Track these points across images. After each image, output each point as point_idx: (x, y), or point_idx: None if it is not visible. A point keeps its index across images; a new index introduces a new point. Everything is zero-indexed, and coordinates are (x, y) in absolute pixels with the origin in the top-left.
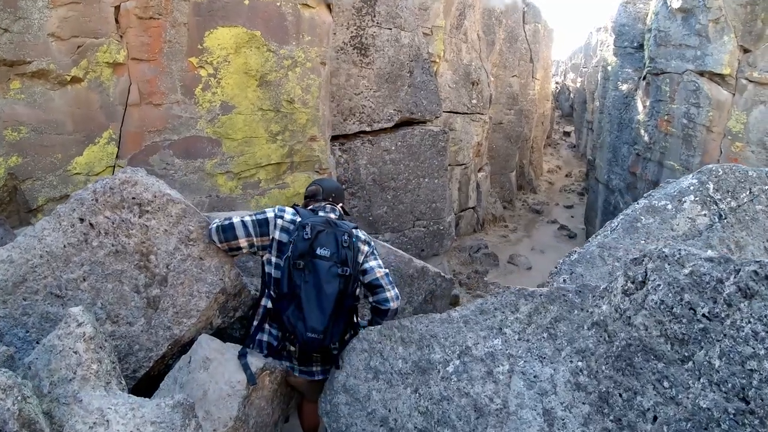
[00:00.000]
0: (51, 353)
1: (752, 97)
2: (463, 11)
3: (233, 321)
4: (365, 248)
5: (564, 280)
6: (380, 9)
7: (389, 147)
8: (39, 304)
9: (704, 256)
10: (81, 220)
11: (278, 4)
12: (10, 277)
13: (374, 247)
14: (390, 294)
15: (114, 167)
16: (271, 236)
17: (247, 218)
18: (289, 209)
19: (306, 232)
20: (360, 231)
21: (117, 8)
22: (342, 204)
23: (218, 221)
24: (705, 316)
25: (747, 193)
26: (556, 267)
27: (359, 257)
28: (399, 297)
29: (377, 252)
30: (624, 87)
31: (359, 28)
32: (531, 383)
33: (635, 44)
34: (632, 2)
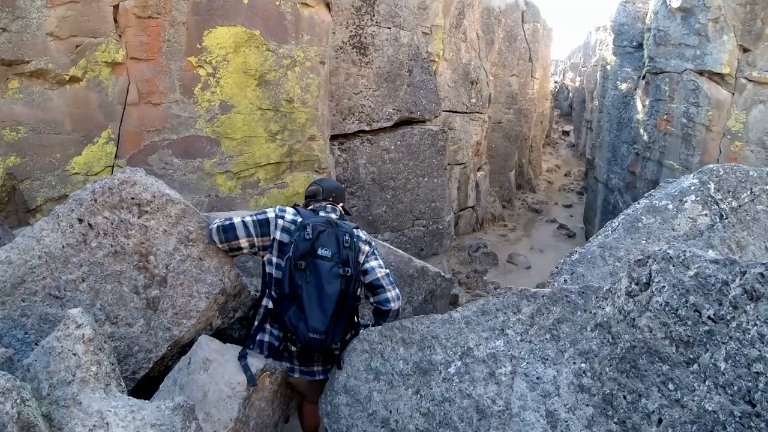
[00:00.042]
0: (50, 355)
1: (752, 97)
2: (463, 10)
3: (233, 322)
4: (366, 248)
5: (565, 281)
6: (379, 8)
7: (388, 146)
8: (38, 306)
9: (709, 258)
10: (80, 221)
11: (277, 3)
12: (9, 278)
13: (375, 247)
14: (391, 294)
15: (113, 167)
16: (272, 236)
17: (248, 218)
18: (290, 209)
19: (307, 233)
20: (361, 231)
21: (116, 7)
22: (342, 204)
23: (219, 221)
24: (710, 318)
25: (748, 193)
26: (557, 267)
27: (360, 257)
28: (400, 297)
29: (378, 252)
30: (623, 86)
31: (358, 28)
32: (534, 385)
33: (634, 43)
34: (632, 1)
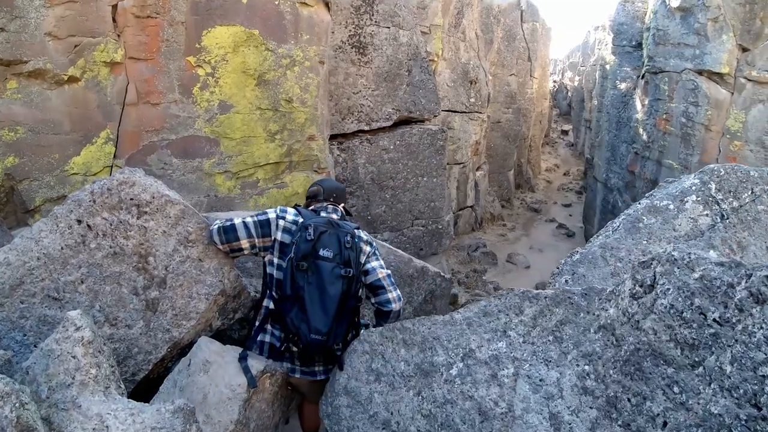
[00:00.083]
0: (49, 358)
1: (751, 96)
2: (462, 10)
3: (233, 323)
4: (367, 248)
5: (566, 281)
6: (379, 8)
7: (388, 146)
8: (36, 307)
9: (714, 261)
10: (78, 222)
11: (276, 3)
12: (7, 280)
13: (376, 248)
14: (392, 295)
15: (111, 167)
16: (273, 237)
17: (249, 219)
18: (291, 210)
19: (309, 233)
20: (362, 231)
21: (114, 7)
22: (344, 204)
23: (219, 222)
24: (716, 321)
25: (749, 193)
26: (558, 267)
27: (361, 258)
28: (401, 298)
29: (379, 252)
30: (622, 86)
31: (358, 27)
32: (537, 387)
33: (634, 43)
34: (631, 1)
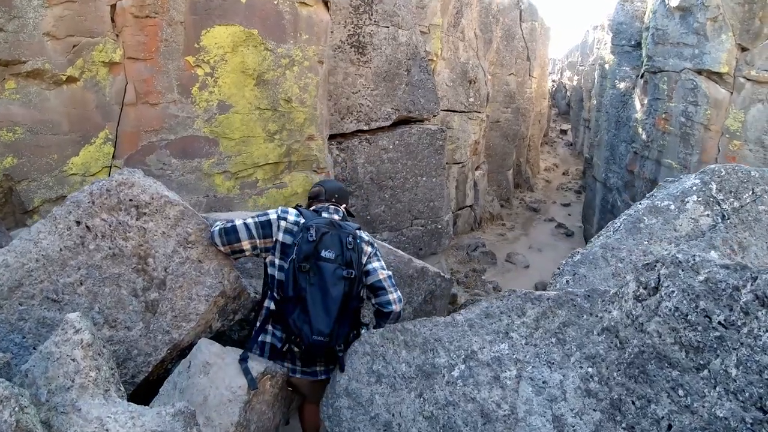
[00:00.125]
0: (48, 360)
1: (750, 96)
2: (461, 9)
3: (233, 324)
4: (368, 249)
5: (567, 281)
6: (378, 7)
7: (387, 146)
8: (35, 309)
9: (719, 263)
10: (77, 223)
11: (275, 3)
12: (6, 282)
13: (377, 249)
14: (393, 296)
15: (110, 168)
16: (275, 238)
17: (250, 220)
18: (292, 210)
19: (310, 234)
20: (363, 232)
21: (113, 7)
22: (346, 205)
23: (220, 224)
24: (721, 324)
25: (750, 194)
26: (559, 268)
27: (363, 258)
28: (402, 300)
29: (380, 253)
30: (622, 85)
31: (357, 27)
32: (540, 389)
33: (633, 42)
34: (630, 0)
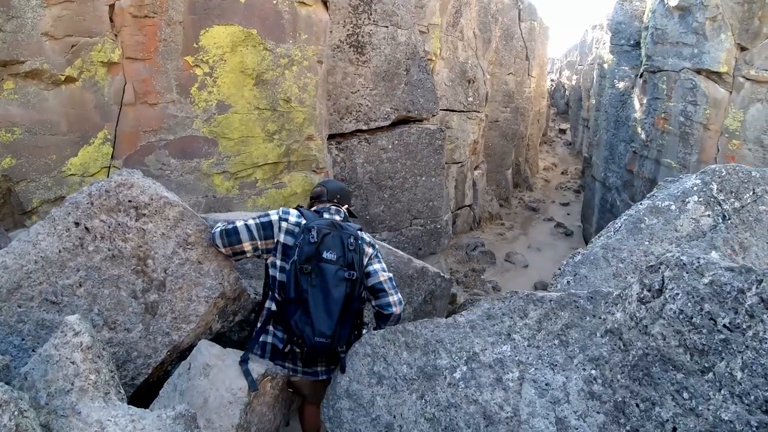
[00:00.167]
0: (47, 363)
1: (749, 95)
2: (460, 9)
3: (233, 325)
4: (369, 250)
5: (568, 282)
6: (377, 7)
7: (386, 145)
8: (34, 311)
9: (724, 266)
10: (76, 224)
11: (274, 2)
12: (5, 284)
13: (378, 250)
14: (393, 299)
15: (109, 168)
16: (276, 239)
17: (251, 221)
18: (294, 211)
19: (312, 236)
20: (365, 233)
21: (111, 7)
22: (347, 205)
23: (221, 225)
24: (726, 327)
25: (750, 194)
26: (560, 268)
27: (364, 260)
28: (402, 302)
29: (381, 254)
30: (621, 85)
31: (356, 26)
32: (543, 391)
33: (632, 42)
34: (629, 0)
